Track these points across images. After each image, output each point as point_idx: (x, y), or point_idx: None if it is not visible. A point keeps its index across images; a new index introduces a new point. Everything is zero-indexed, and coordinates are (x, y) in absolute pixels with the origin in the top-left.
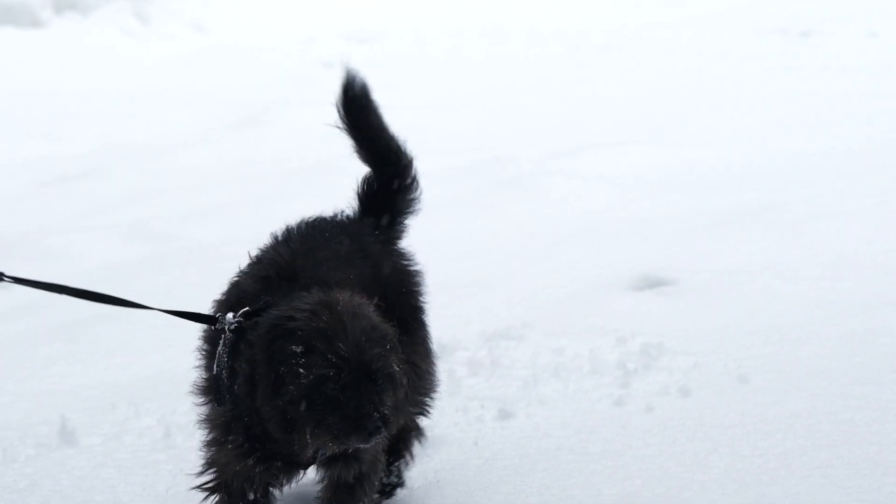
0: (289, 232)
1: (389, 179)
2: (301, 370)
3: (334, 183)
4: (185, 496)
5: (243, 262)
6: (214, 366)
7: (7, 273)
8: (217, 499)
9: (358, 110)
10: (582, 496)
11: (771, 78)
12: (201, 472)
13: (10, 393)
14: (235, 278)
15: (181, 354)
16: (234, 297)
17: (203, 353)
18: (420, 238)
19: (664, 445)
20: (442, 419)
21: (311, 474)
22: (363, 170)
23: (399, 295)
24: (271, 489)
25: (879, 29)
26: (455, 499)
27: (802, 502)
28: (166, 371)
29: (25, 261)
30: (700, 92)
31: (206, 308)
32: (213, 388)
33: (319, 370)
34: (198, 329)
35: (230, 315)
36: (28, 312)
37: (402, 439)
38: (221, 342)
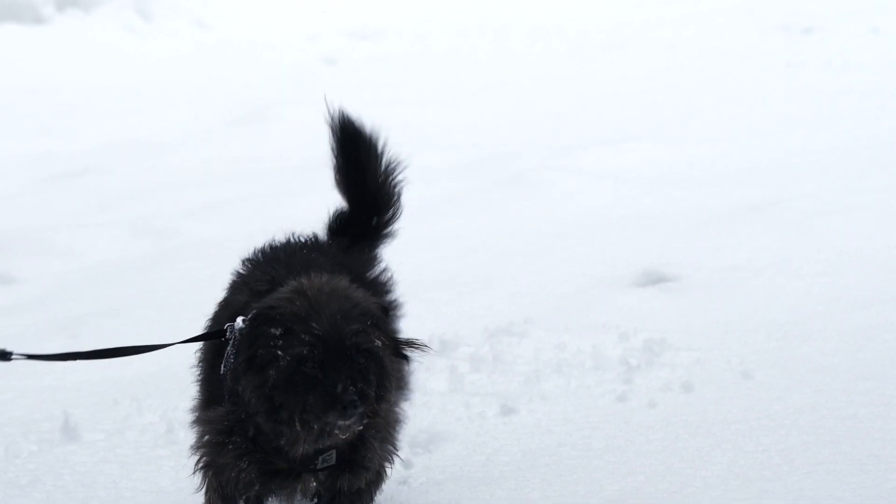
0: (257, 257)
1: (368, 220)
2: (279, 352)
3: None
4: (187, 492)
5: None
6: (222, 366)
7: (16, 352)
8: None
9: (355, 144)
10: (584, 492)
11: (773, 75)
12: (199, 483)
13: (13, 389)
14: (225, 299)
15: (183, 351)
16: (237, 310)
17: (203, 363)
18: (422, 235)
19: (667, 441)
20: (444, 415)
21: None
22: None
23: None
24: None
25: (882, 25)
26: (457, 494)
27: (805, 498)
28: (168, 367)
29: (28, 257)
30: (702, 89)
31: (204, 314)
32: (216, 388)
33: (295, 350)
34: (199, 328)
35: (240, 319)
36: (31, 308)
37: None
38: (231, 344)
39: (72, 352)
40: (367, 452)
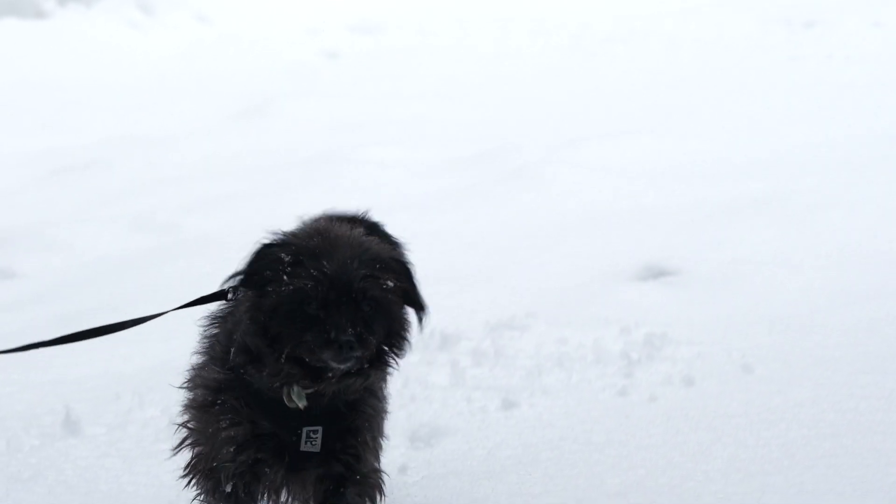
0: None
1: None
2: (284, 277)
3: (338, 174)
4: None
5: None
6: (232, 352)
7: None
8: (195, 480)
9: None
10: (585, 486)
11: (775, 68)
12: (177, 445)
13: (15, 383)
14: None
15: (185, 345)
16: None
17: (213, 338)
18: (424, 229)
19: (668, 435)
20: (445, 409)
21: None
22: (366, 161)
23: None
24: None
25: (883, 19)
26: (458, 489)
27: (806, 492)
28: (170, 361)
29: (29, 253)
30: (704, 82)
31: (205, 311)
32: (223, 357)
33: (300, 281)
34: (199, 326)
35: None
36: (33, 303)
37: None
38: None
39: (35, 343)
40: (358, 442)
